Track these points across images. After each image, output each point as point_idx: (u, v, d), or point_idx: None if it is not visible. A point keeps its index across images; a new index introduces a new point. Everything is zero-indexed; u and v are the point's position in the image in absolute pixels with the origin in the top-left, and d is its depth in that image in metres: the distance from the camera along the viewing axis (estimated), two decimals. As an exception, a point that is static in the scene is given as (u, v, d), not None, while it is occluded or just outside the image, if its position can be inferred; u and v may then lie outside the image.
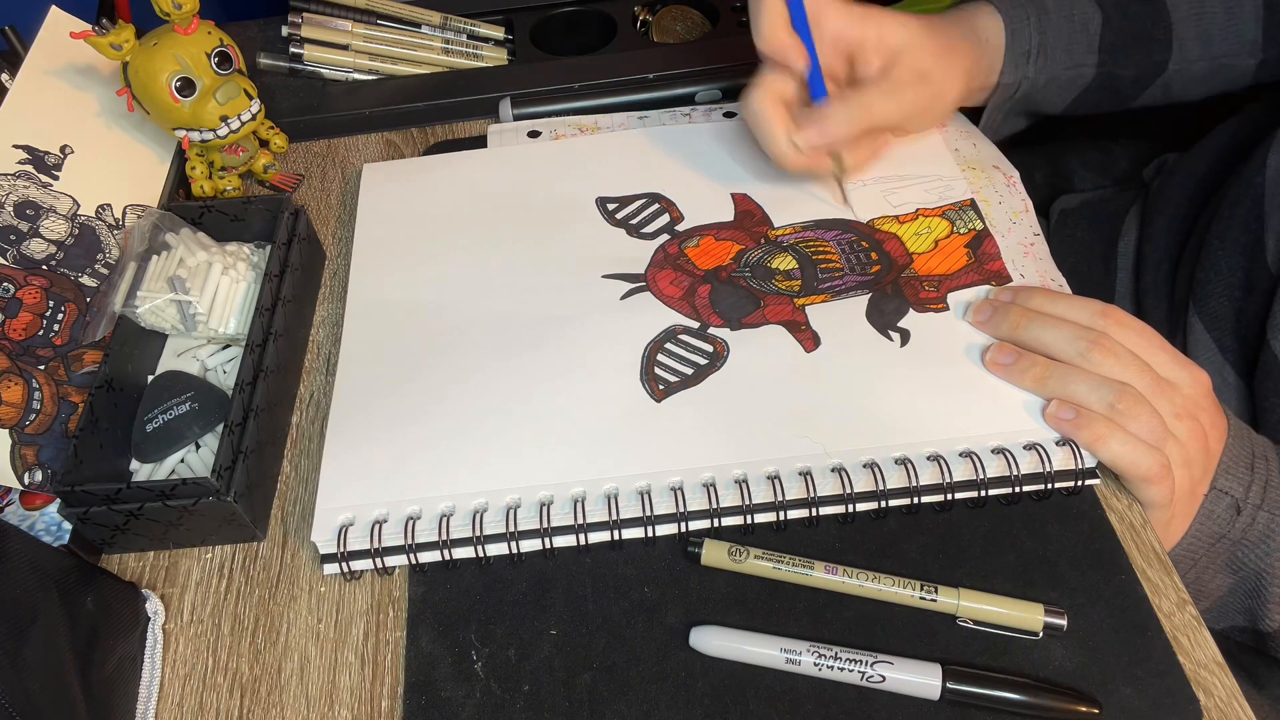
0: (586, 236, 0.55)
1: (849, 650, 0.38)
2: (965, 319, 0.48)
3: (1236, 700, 0.38)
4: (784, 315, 0.49)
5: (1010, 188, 0.56)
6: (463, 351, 0.49)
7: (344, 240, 0.58)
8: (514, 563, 0.43)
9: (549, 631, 0.41)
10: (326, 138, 0.65)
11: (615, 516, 0.42)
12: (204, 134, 0.55)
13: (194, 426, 0.47)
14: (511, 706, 0.39)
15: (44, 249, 0.49)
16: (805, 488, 0.42)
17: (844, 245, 0.53)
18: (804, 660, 0.38)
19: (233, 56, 0.54)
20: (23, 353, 0.46)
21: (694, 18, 0.73)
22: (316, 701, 0.40)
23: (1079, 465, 0.42)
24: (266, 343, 0.48)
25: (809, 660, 0.38)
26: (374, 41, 0.67)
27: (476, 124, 0.65)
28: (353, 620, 0.43)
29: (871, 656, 0.38)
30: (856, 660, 0.38)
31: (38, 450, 0.45)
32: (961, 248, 0.52)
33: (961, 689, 0.37)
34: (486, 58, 0.69)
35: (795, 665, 0.38)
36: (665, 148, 0.60)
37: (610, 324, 0.50)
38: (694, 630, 0.40)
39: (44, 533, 0.46)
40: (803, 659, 0.38)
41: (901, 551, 0.42)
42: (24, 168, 0.51)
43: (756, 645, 0.39)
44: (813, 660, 0.38)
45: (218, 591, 0.44)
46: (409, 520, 0.43)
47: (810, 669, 0.38)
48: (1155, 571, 0.41)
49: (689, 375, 0.47)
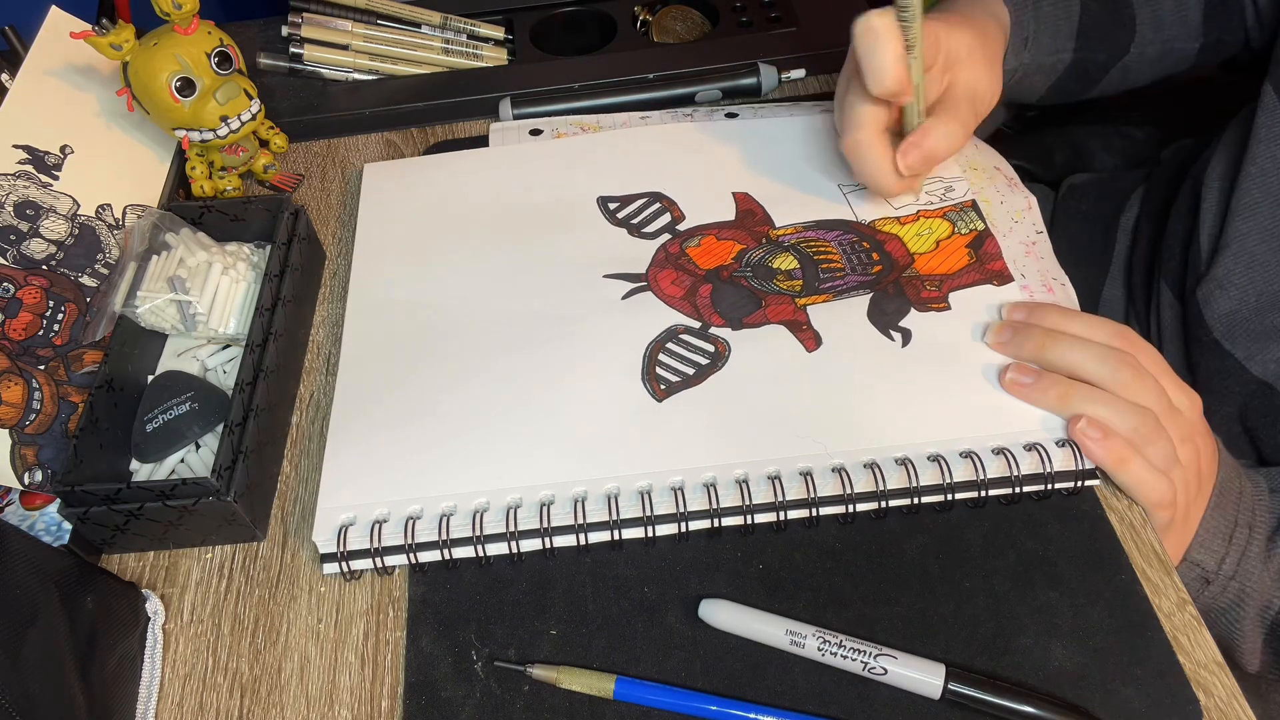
0: (587, 236, 0.55)
1: (854, 640, 0.38)
2: (983, 340, 0.47)
3: (1236, 700, 0.38)
4: (785, 315, 0.49)
5: (1011, 188, 0.56)
6: (463, 351, 0.49)
7: (344, 240, 0.58)
8: (514, 563, 0.43)
9: (549, 631, 0.41)
10: (326, 138, 0.65)
11: (615, 516, 0.42)
12: (204, 134, 0.55)
13: (194, 426, 0.47)
14: (511, 706, 0.39)
15: (44, 249, 0.49)
16: (806, 488, 0.42)
17: (845, 245, 0.53)
18: (808, 643, 0.38)
19: (233, 56, 0.54)
20: (23, 353, 0.46)
21: (694, 18, 0.73)
22: (316, 701, 0.40)
23: (1079, 466, 0.42)
24: (266, 343, 0.48)
25: (813, 644, 0.38)
26: (374, 41, 0.67)
27: (477, 124, 0.65)
28: (353, 620, 0.43)
29: (876, 648, 0.38)
30: (860, 650, 0.38)
31: (38, 450, 0.45)
32: (963, 248, 0.52)
33: (963, 691, 0.37)
34: (486, 58, 0.69)
35: (799, 647, 0.38)
36: (666, 147, 0.60)
37: (611, 324, 0.50)
38: (704, 602, 0.40)
39: (44, 533, 0.46)
40: (807, 642, 0.38)
41: (901, 551, 0.42)
42: (24, 168, 0.51)
43: (763, 624, 0.39)
44: (817, 644, 0.38)
45: (218, 591, 0.44)
46: (409, 520, 0.42)
47: (814, 653, 0.38)
48: (1155, 571, 0.41)
49: (690, 375, 0.47)
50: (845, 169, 0.57)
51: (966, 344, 0.47)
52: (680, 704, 0.38)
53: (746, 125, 0.60)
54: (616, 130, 0.61)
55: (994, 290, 0.49)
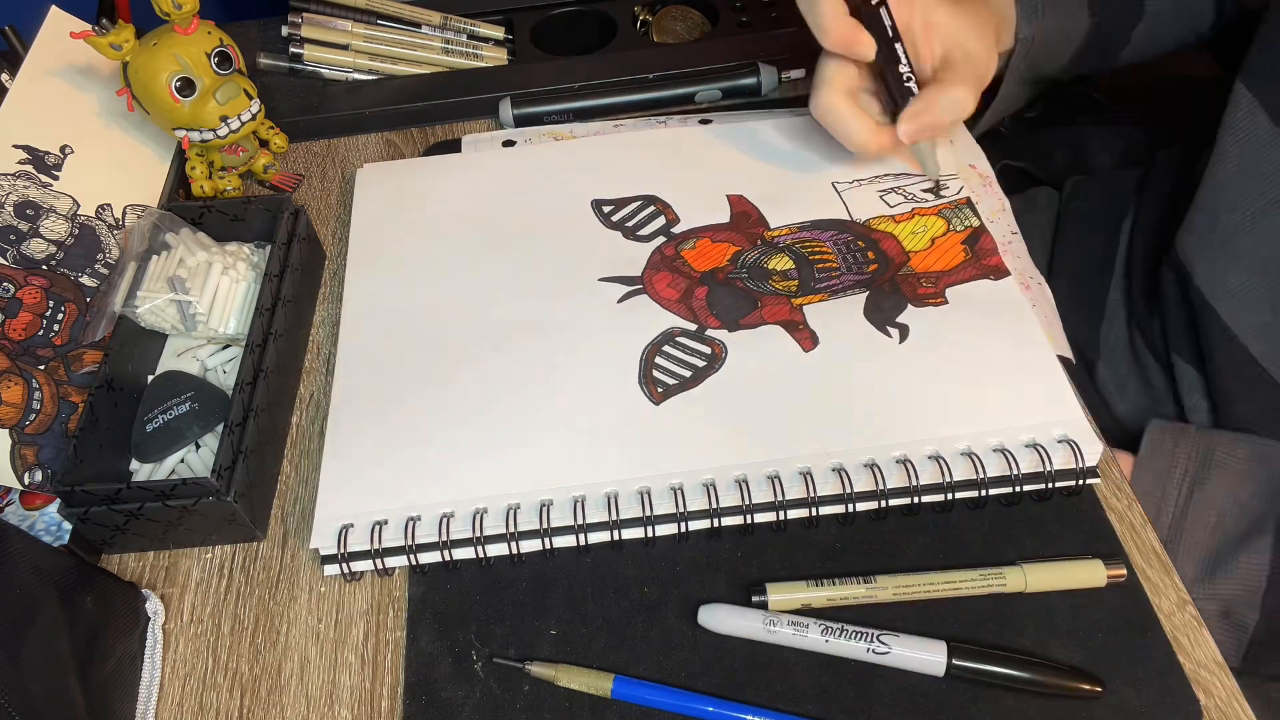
0: (582, 239, 0.55)
1: (854, 625, 0.39)
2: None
3: (1236, 700, 0.38)
4: (782, 315, 0.49)
5: (986, 187, 0.56)
6: (461, 354, 0.49)
7: (344, 240, 0.58)
8: (514, 563, 0.43)
9: (549, 631, 0.41)
10: (326, 138, 0.65)
11: (615, 517, 0.42)
12: (204, 134, 0.55)
13: (194, 426, 0.47)
14: (511, 707, 0.39)
15: (44, 249, 0.49)
16: (805, 488, 0.42)
17: (840, 245, 0.53)
18: (811, 633, 0.38)
19: (233, 56, 0.54)
20: (23, 353, 0.46)
21: (694, 18, 0.73)
22: (316, 701, 0.40)
23: (1079, 465, 0.42)
24: (266, 343, 0.48)
25: (816, 633, 0.38)
26: (374, 41, 0.67)
27: (477, 124, 0.65)
28: (353, 620, 0.43)
29: (877, 630, 0.38)
30: (862, 634, 0.38)
31: (38, 450, 0.45)
32: (958, 244, 0.52)
33: (966, 665, 0.38)
34: (486, 58, 0.69)
35: (802, 637, 0.38)
36: (660, 149, 0.60)
37: (607, 327, 0.50)
38: (702, 609, 0.40)
39: (44, 533, 0.46)
40: (809, 631, 0.38)
41: (901, 551, 0.42)
42: (24, 168, 0.51)
43: (763, 619, 0.39)
44: (819, 631, 0.38)
45: (218, 591, 0.44)
46: (409, 521, 0.43)
47: (817, 641, 0.38)
48: (1155, 571, 0.41)
49: (687, 378, 0.47)
50: (839, 168, 0.57)
51: (965, 339, 0.47)
52: (678, 704, 0.38)
53: (741, 126, 0.60)
54: (606, 135, 0.61)
55: (990, 285, 0.49)
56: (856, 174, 0.56)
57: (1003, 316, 0.48)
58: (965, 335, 0.47)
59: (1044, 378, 0.45)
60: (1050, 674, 0.38)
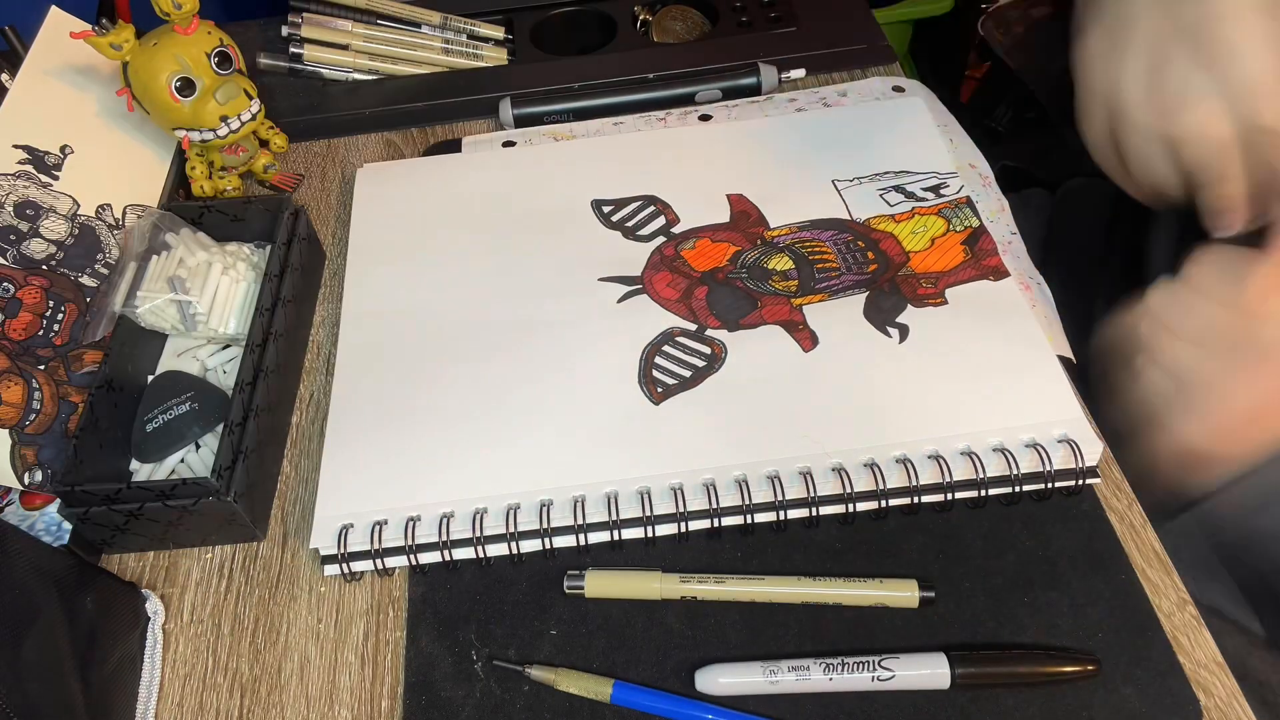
0: (582, 239, 0.55)
1: (854, 656, 0.38)
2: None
3: (1236, 700, 0.38)
4: (781, 315, 0.49)
5: (985, 187, 0.56)
6: (461, 354, 0.49)
7: (344, 240, 0.58)
8: (514, 563, 0.43)
9: (549, 632, 0.41)
10: (326, 138, 0.65)
11: (615, 517, 0.42)
12: (204, 134, 0.55)
13: (194, 426, 0.47)
14: (511, 707, 0.39)
15: (44, 249, 0.49)
16: (805, 487, 0.42)
17: (840, 245, 0.53)
18: (813, 675, 0.38)
19: (233, 56, 0.54)
20: (23, 353, 0.46)
21: (694, 18, 0.73)
22: (316, 701, 0.40)
23: (1079, 465, 0.42)
24: (266, 343, 0.48)
25: (818, 673, 0.38)
26: (374, 41, 0.67)
27: (477, 124, 0.65)
28: (353, 620, 0.43)
29: (876, 657, 0.38)
30: (863, 663, 0.38)
31: (38, 450, 0.45)
32: (958, 245, 0.52)
33: (970, 671, 0.38)
34: (486, 58, 0.69)
35: (805, 680, 0.38)
36: (660, 149, 0.60)
37: (607, 327, 0.50)
38: (698, 674, 0.39)
39: (44, 533, 0.46)
40: (812, 673, 0.38)
41: (901, 551, 0.42)
42: (24, 168, 0.51)
43: (763, 675, 0.38)
44: (821, 670, 0.38)
45: (218, 591, 0.44)
46: (409, 521, 0.43)
47: (821, 682, 0.38)
48: (1155, 571, 0.41)
49: (687, 378, 0.47)
50: (839, 167, 0.56)
51: (965, 339, 0.47)
52: (677, 711, 0.38)
53: (741, 126, 0.60)
54: (606, 135, 0.61)
55: (990, 285, 0.49)
56: (856, 173, 0.56)
57: (1003, 317, 0.48)
58: (965, 335, 0.47)
59: (1044, 377, 0.45)
60: (1050, 663, 0.38)
